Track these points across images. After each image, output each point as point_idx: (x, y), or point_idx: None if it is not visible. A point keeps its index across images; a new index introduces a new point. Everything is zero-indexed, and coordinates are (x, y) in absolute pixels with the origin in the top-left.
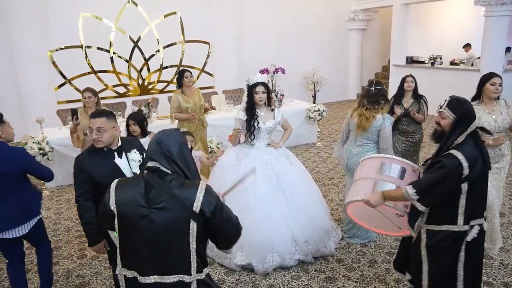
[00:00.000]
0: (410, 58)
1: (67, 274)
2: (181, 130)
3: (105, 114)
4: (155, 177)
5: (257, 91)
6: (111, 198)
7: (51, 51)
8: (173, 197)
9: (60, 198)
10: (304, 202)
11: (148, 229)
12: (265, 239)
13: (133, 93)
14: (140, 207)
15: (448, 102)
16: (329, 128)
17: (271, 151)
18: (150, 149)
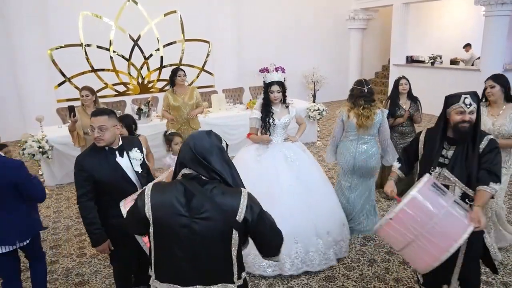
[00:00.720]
0: (410, 58)
1: (67, 272)
2: (168, 131)
3: (106, 112)
4: (194, 184)
5: (272, 90)
6: (147, 204)
7: (51, 49)
8: (216, 206)
9: (60, 197)
10: (324, 193)
11: (188, 239)
12: (290, 231)
13: (133, 92)
14: (181, 216)
15: (471, 98)
16: (329, 128)
17: (290, 145)
18: (184, 156)
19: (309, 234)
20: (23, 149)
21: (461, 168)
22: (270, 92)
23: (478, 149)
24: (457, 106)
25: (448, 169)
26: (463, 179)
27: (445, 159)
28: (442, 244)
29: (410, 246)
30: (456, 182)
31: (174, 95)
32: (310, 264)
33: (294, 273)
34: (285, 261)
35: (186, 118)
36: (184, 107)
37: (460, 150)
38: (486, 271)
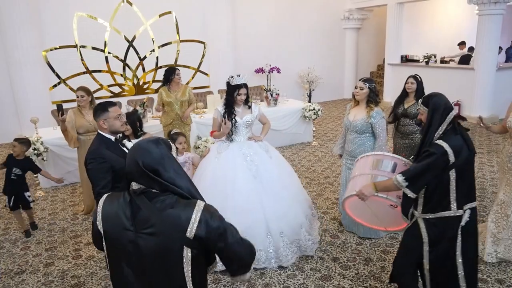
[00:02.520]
0: (405, 57)
1: (62, 274)
2: (172, 131)
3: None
4: (142, 198)
5: (240, 93)
6: (99, 215)
7: (45, 50)
8: (164, 221)
9: (55, 199)
10: (280, 195)
11: (136, 256)
12: (239, 225)
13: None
14: (126, 230)
15: (422, 99)
16: (324, 127)
17: (251, 144)
18: (131, 170)
19: (259, 232)
20: None
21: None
22: (238, 94)
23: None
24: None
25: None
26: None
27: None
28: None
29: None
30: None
31: (168, 92)
32: (256, 262)
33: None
34: None
35: (178, 114)
36: (176, 103)
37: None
38: (481, 268)
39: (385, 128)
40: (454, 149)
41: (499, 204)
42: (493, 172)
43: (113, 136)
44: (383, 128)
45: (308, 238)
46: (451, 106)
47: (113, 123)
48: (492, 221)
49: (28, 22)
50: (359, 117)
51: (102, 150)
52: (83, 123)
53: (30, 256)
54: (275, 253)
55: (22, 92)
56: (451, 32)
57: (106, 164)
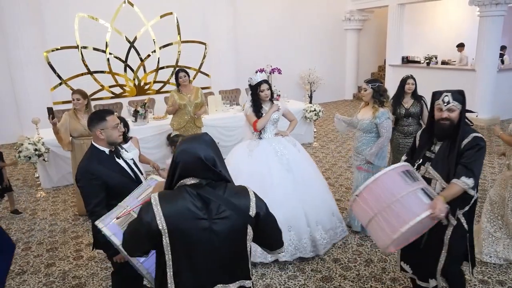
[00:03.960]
0: (406, 58)
1: (63, 275)
2: (172, 134)
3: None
4: (207, 189)
5: (262, 89)
6: (157, 215)
7: (47, 51)
8: (233, 206)
9: (56, 199)
10: (312, 185)
11: (210, 241)
12: (283, 220)
13: (129, 94)
14: (200, 220)
15: (452, 96)
16: (325, 128)
17: (280, 139)
18: (189, 166)
19: (300, 223)
20: (19, 151)
21: (443, 164)
22: (260, 91)
23: (459, 146)
24: (437, 102)
25: (432, 164)
26: (444, 175)
27: (432, 154)
28: (395, 224)
29: (371, 222)
30: (437, 177)
31: (180, 94)
32: (303, 251)
33: (289, 259)
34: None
35: (192, 117)
36: (190, 106)
37: (444, 146)
38: (482, 270)
39: (390, 129)
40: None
41: (491, 204)
42: (494, 173)
43: (107, 148)
44: (387, 128)
45: (338, 225)
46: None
47: (111, 133)
48: (488, 221)
49: (30, 23)
50: (366, 117)
51: (92, 166)
52: (77, 127)
53: (31, 256)
54: (313, 243)
55: (24, 92)
56: (452, 34)
57: (97, 181)
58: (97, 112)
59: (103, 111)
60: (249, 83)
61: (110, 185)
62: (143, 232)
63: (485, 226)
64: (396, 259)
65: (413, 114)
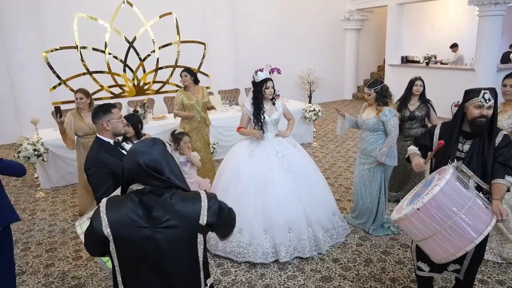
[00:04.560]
0: (405, 58)
1: (63, 275)
2: (177, 131)
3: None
4: (151, 196)
5: (268, 86)
6: (103, 221)
7: (46, 51)
8: (178, 214)
9: (56, 200)
10: (313, 185)
11: (153, 250)
12: (284, 221)
13: (128, 94)
14: (141, 228)
15: (490, 93)
16: (324, 128)
17: (280, 140)
18: (132, 172)
19: (301, 223)
20: (18, 152)
21: (477, 161)
22: (266, 88)
23: (494, 144)
24: (476, 100)
25: (464, 162)
26: (478, 173)
27: (461, 153)
28: (467, 235)
29: (435, 236)
30: (472, 175)
31: (187, 94)
32: (302, 251)
33: (289, 259)
34: (281, 249)
35: (202, 116)
36: (199, 105)
37: (476, 144)
38: (481, 269)
39: (397, 126)
40: None
41: None
42: None
43: (112, 140)
44: (394, 125)
45: (340, 225)
46: None
47: (116, 124)
48: None
49: (29, 23)
50: (371, 116)
51: (101, 155)
52: (82, 125)
53: (30, 257)
54: (315, 242)
55: (23, 93)
56: (451, 33)
57: (105, 169)
58: (102, 105)
59: (108, 105)
60: (253, 80)
61: (116, 173)
62: (93, 236)
63: None
64: (396, 259)
65: (418, 117)
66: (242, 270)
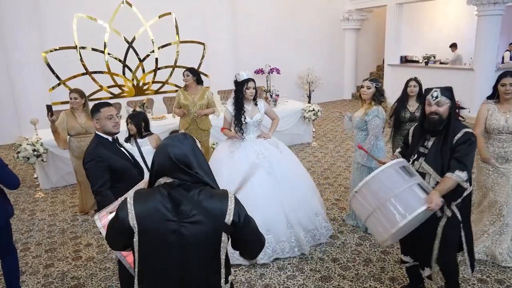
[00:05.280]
0: (404, 58)
1: (62, 276)
2: (179, 131)
3: (112, 104)
4: (180, 190)
5: (249, 87)
6: (130, 213)
7: (45, 52)
8: (205, 210)
9: (55, 200)
10: (294, 185)
11: (177, 245)
12: (262, 223)
13: (128, 94)
14: (169, 221)
15: (440, 91)
16: (324, 128)
17: (261, 141)
18: (162, 165)
19: (280, 225)
20: (17, 152)
21: (436, 158)
22: (247, 88)
23: (452, 141)
24: (427, 98)
25: (425, 159)
26: (438, 170)
27: (426, 149)
28: (393, 218)
29: (370, 217)
30: (431, 172)
31: (185, 94)
32: (280, 252)
33: (266, 261)
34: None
35: (194, 118)
36: (193, 106)
37: (436, 142)
38: (480, 269)
39: (377, 127)
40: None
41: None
42: None
43: (110, 137)
44: (375, 126)
45: (324, 225)
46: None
47: (105, 123)
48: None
49: (28, 23)
50: (358, 114)
51: (99, 150)
52: (74, 125)
53: (29, 257)
54: (297, 242)
55: (22, 93)
56: (450, 33)
57: (103, 163)
58: (95, 104)
59: (101, 104)
60: (235, 79)
61: (114, 168)
62: (118, 228)
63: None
64: (395, 259)
65: (418, 118)
66: (241, 270)
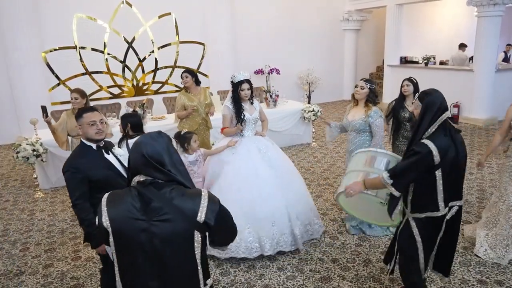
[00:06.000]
0: (404, 58)
1: (62, 276)
2: (183, 132)
3: (97, 109)
4: (151, 189)
5: (242, 88)
6: (103, 214)
7: (45, 52)
8: (175, 208)
9: (55, 200)
10: (293, 181)
11: (149, 244)
12: (269, 215)
13: (127, 94)
14: (137, 220)
15: (419, 93)
16: (323, 129)
17: (260, 138)
18: (136, 163)
19: (283, 218)
20: (17, 152)
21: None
22: (241, 90)
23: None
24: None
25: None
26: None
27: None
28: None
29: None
30: None
31: (188, 96)
32: (284, 245)
33: (272, 253)
34: (265, 242)
35: (204, 118)
36: (201, 107)
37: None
38: (480, 270)
39: (382, 127)
40: (440, 150)
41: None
42: (492, 173)
43: (94, 144)
44: (380, 127)
45: (316, 222)
46: (446, 106)
47: (86, 130)
48: None
49: (28, 23)
50: (358, 117)
51: (77, 160)
52: (74, 126)
53: (29, 257)
54: (293, 236)
55: (22, 93)
56: (450, 34)
57: (79, 175)
58: (80, 109)
59: (85, 109)
60: (231, 80)
61: (92, 179)
62: (98, 228)
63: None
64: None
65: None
66: (241, 270)
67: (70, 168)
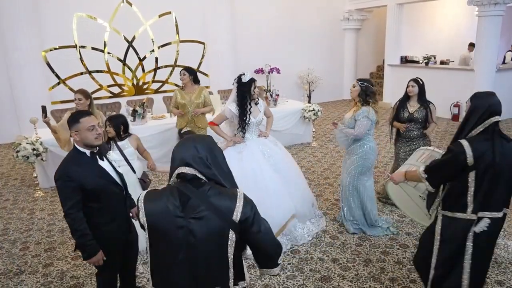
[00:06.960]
0: (405, 58)
1: (61, 275)
2: (183, 130)
3: (92, 113)
4: (189, 187)
5: (256, 86)
6: (141, 211)
7: (45, 51)
8: (212, 206)
9: (55, 199)
10: (297, 180)
11: (185, 240)
12: (283, 217)
13: (128, 93)
14: (176, 217)
15: (473, 94)
16: (324, 128)
17: (264, 141)
18: (186, 153)
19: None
20: (17, 151)
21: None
22: (254, 88)
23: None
24: None
25: None
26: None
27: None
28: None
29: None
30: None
31: (182, 93)
32: (294, 240)
33: (284, 249)
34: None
35: (192, 117)
36: (190, 105)
37: None
38: None
39: (364, 127)
40: (475, 152)
41: None
42: None
43: (88, 150)
44: (361, 126)
45: (318, 213)
46: (495, 111)
47: (85, 135)
48: None
49: (28, 23)
50: (348, 115)
51: (69, 168)
52: None
53: (29, 256)
54: (301, 231)
55: (22, 92)
56: (450, 33)
57: (72, 184)
58: (73, 114)
59: (79, 113)
60: (240, 81)
61: (86, 188)
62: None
63: None
64: (395, 259)
65: (417, 119)
66: None
67: (63, 176)
